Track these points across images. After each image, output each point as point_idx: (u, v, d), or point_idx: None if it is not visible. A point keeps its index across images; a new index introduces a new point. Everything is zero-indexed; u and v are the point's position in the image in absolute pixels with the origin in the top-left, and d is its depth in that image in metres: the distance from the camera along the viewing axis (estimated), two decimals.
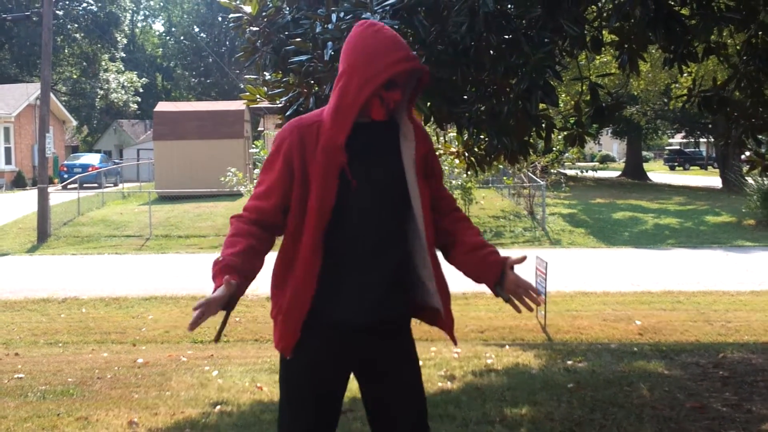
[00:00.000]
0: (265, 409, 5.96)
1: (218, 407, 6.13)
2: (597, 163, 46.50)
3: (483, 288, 10.60)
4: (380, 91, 2.76)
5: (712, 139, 48.07)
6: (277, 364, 7.93)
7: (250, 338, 10.86)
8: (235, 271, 2.73)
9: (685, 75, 7.99)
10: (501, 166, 15.90)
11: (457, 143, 6.99)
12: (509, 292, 2.90)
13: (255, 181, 23.55)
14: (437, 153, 7.46)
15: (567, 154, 26.95)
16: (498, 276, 2.92)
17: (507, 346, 9.16)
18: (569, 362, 7.63)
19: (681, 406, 5.67)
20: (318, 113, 2.89)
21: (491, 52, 5.15)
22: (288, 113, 5.63)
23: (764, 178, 23.34)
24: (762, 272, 16.24)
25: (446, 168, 22.57)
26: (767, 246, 21.07)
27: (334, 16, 5.03)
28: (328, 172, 2.75)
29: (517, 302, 2.91)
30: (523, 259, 2.94)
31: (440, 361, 7.79)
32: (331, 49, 5.04)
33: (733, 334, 10.41)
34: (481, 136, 6.41)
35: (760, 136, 7.85)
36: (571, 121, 6.10)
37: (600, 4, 5.82)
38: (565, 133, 6.21)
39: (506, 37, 5.07)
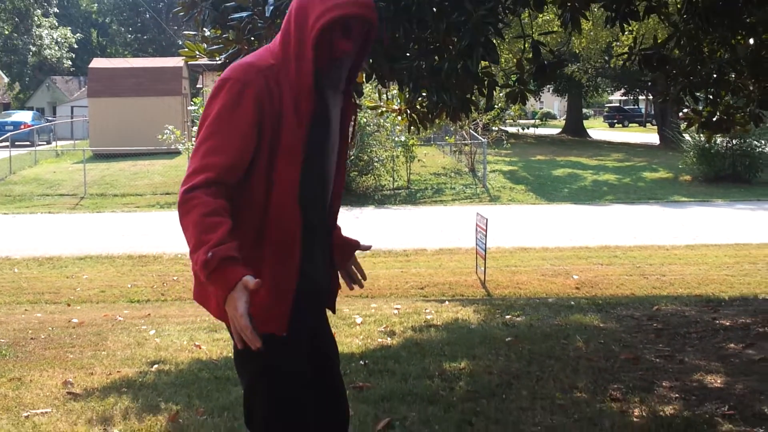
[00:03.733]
0: (204, 367, 5.93)
1: (155, 366, 6.08)
2: (537, 121, 46.84)
3: (424, 245, 10.68)
4: (333, 33, 2.46)
5: (651, 97, 48.72)
6: (215, 323, 7.94)
7: (187, 297, 10.76)
8: (239, 263, 2.27)
9: (626, 33, 8.04)
10: (443, 124, 15.95)
11: (399, 101, 6.96)
12: (347, 270, 2.93)
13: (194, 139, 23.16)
14: (381, 111, 7.44)
15: (508, 112, 27.10)
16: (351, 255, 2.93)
17: (447, 302, 9.24)
18: (507, 317, 7.73)
19: (616, 358, 5.79)
20: (264, 56, 2.51)
21: (433, 9, 5.12)
22: None
23: (701, 135, 23.79)
24: (696, 227, 16.63)
25: (388, 125, 22.54)
26: (702, 201, 21.57)
27: None
28: (301, 122, 2.46)
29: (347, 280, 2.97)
30: (368, 247, 2.95)
31: (380, 318, 7.83)
32: (272, 4, 4.96)
33: (667, 287, 10.66)
34: (423, 94, 6.39)
35: (697, 94, 7.97)
36: (513, 79, 6.12)
37: None
38: (506, 90, 6.23)
39: None
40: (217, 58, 5.68)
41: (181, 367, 6.05)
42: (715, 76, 7.82)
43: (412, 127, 6.96)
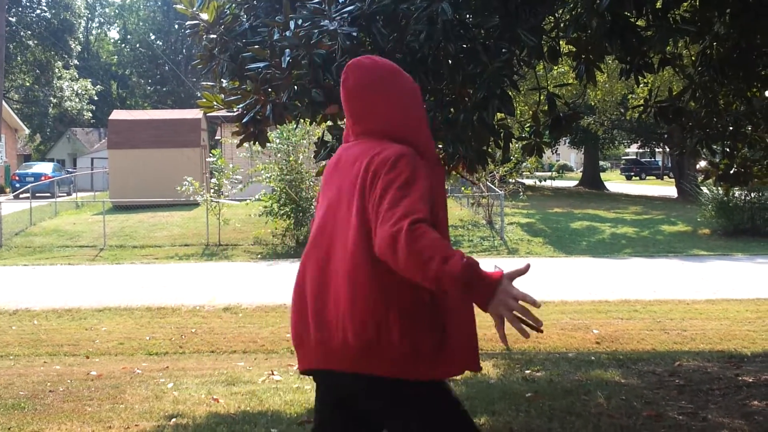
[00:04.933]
0: (221, 422, 5.86)
1: (173, 420, 6.02)
2: (554, 173, 46.87)
3: None
4: None
5: (668, 149, 48.71)
6: (234, 376, 7.88)
7: (206, 350, 10.72)
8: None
9: (641, 86, 8.09)
10: (460, 176, 15.98)
11: None
12: None
13: (217, 189, 23.38)
14: None
15: (525, 164, 27.14)
16: None
17: None
18: (527, 371, 7.63)
19: (638, 415, 5.68)
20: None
21: (449, 61, 5.14)
22: (245, 120, 5.57)
23: (719, 188, 23.67)
24: (717, 281, 16.45)
25: None
26: (722, 255, 21.38)
27: (292, 23, 5.00)
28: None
29: None
30: None
31: None
32: (288, 56, 5.00)
33: (688, 343, 10.51)
34: (439, 145, 6.40)
35: (714, 146, 7.95)
36: (527, 130, 6.11)
37: (557, 15, 5.83)
38: (522, 142, 6.21)
39: (464, 46, 5.06)
40: (235, 109, 5.72)
41: (199, 421, 5.99)
42: (731, 128, 7.81)
43: None
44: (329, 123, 5.90)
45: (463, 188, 27.54)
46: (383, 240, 2.43)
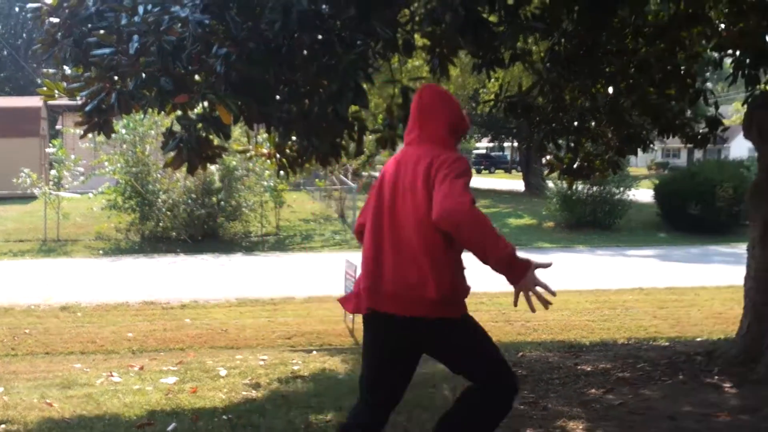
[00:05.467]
0: (54, 427, 5.55)
1: (2, 426, 5.65)
2: None
3: (292, 293, 10.44)
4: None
5: (516, 144, 50.25)
6: (69, 378, 7.50)
7: (40, 351, 10.14)
8: None
9: (492, 80, 8.25)
10: (313, 169, 15.88)
11: (268, 144, 6.83)
12: None
13: (57, 181, 22.21)
14: (249, 155, 7.28)
15: (378, 157, 27.31)
16: None
17: (314, 352, 9.07)
18: None
19: None
20: None
21: (304, 51, 5.05)
22: (88, 109, 5.28)
23: (563, 182, 24.67)
24: (559, 273, 17.03)
25: (257, 170, 22.30)
26: (564, 247, 22.23)
27: (141, 8, 4.79)
28: None
29: None
30: None
31: (245, 370, 7.59)
32: (137, 42, 4.78)
33: (531, 334, 10.83)
34: (293, 138, 6.29)
35: (559, 141, 8.20)
36: (381, 123, 6.11)
37: (412, 9, 5.84)
38: (376, 135, 6.20)
39: (319, 37, 4.98)
40: (78, 98, 5.42)
41: (30, 426, 5.65)
42: (576, 123, 8.08)
43: (281, 172, 6.83)
44: (179, 113, 5.68)
45: (316, 181, 27.45)
46: (454, 208, 3.24)
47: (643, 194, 29.01)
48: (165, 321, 11.89)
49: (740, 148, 52.19)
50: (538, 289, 3.41)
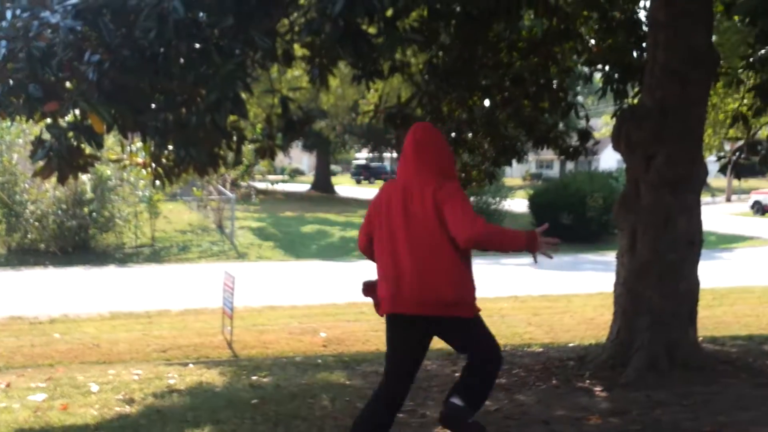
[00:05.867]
0: None
1: None
2: (287, 177, 47.28)
3: (168, 305, 10.14)
4: None
5: (396, 154, 50.63)
6: None
7: None
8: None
9: (371, 91, 8.33)
10: (190, 179, 15.61)
11: (143, 153, 6.66)
12: None
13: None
14: (123, 164, 7.08)
15: (257, 167, 27.07)
16: None
17: (191, 365, 8.88)
18: (254, 378, 7.54)
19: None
20: None
21: (181, 60, 4.95)
22: None
23: None
24: None
25: (132, 179, 21.75)
26: None
27: (9, 13, 4.60)
28: None
29: None
30: None
31: (119, 385, 7.36)
32: (4, 47, 4.59)
33: None
34: (169, 147, 6.16)
35: None
36: (260, 133, 6.05)
37: (291, 19, 5.81)
38: (255, 145, 6.13)
39: (197, 46, 4.89)
40: None
41: None
42: (453, 135, 8.22)
43: (157, 182, 6.68)
44: (48, 121, 5.47)
45: (194, 190, 26.94)
46: (474, 234, 4.05)
47: (518, 204, 29.81)
48: (33, 336, 11.42)
49: (610, 159, 54.28)
50: (548, 241, 4.21)
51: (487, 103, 8.06)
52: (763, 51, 7.90)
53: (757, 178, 50.96)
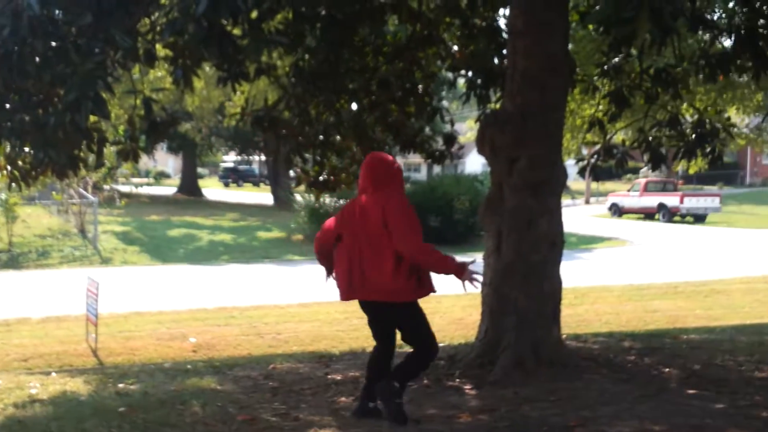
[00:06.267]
0: None
1: None
2: (152, 179, 46.16)
3: (28, 313, 9.80)
4: None
5: (264, 157, 50.32)
6: None
7: None
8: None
9: (238, 93, 8.25)
10: (49, 181, 15.05)
11: None
12: None
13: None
14: None
15: (121, 170, 26.32)
16: None
17: (54, 374, 8.58)
18: (121, 385, 7.35)
19: (233, 420, 5.72)
20: None
21: (36, 59, 4.78)
22: None
23: (310, 195, 25.00)
24: (309, 285, 17.28)
25: None
26: (313, 259, 22.30)
27: None
28: None
29: None
30: None
31: None
32: None
33: (282, 345, 10.88)
34: (26, 149, 5.94)
35: (306, 154, 8.33)
36: (123, 134, 5.91)
37: (153, 18, 5.70)
38: (118, 147, 5.99)
39: (53, 44, 4.73)
40: None
41: None
42: (321, 137, 8.25)
43: (13, 185, 6.42)
44: None
45: (54, 194, 25.95)
46: (414, 250, 5.18)
47: None
48: None
49: (475, 163, 55.55)
50: (475, 276, 5.32)
51: (354, 106, 8.13)
52: (616, 59, 8.29)
53: (613, 180, 53.33)
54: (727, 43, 8.10)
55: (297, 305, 14.43)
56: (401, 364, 5.50)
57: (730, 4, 8.42)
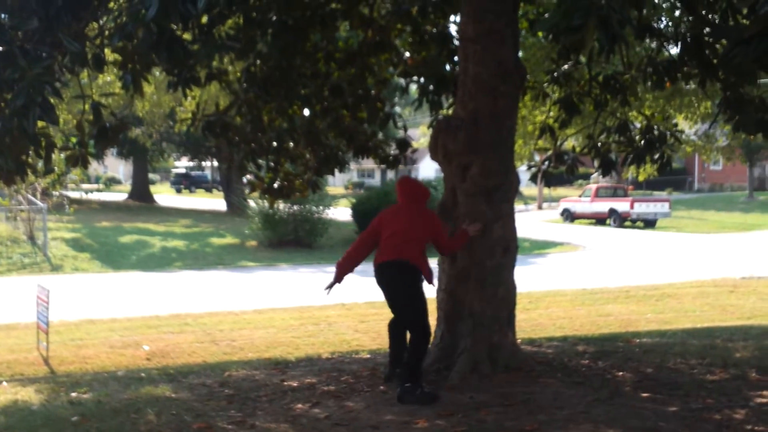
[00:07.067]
0: None
1: None
2: (102, 185, 45.60)
3: None
4: None
5: (217, 163, 49.97)
6: None
7: None
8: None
9: (189, 99, 8.20)
10: None
11: None
12: None
13: None
14: None
15: (70, 175, 25.93)
16: None
17: (4, 383, 8.44)
18: (73, 394, 7.26)
19: (188, 428, 5.68)
20: None
21: None
22: None
23: (264, 201, 24.89)
24: (263, 291, 17.21)
25: None
26: (268, 265, 22.45)
27: None
28: None
29: None
30: None
31: None
32: None
33: (238, 352, 10.80)
34: None
35: (259, 161, 8.29)
36: (72, 140, 5.84)
37: (101, 22, 5.64)
38: (67, 152, 5.91)
39: (0, 48, 4.66)
40: None
41: None
42: (275, 144, 8.22)
43: None
44: None
45: (0, 199, 25.48)
46: (456, 248, 6.86)
47: (341, 213, 30.10)
48: None
49: (429, 168, 55.85)
50: None
51: (306, 112, 8.12)
52: (566, 66, 8.39)
53: (565, 186, 53.95)
54: (674, 50, 8.26)
55: (252, 312, 14.35)
56: (407, 366, 6.32)
57: (676, 13, 8.58)
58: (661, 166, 8.62)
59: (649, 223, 36.62)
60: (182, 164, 73.47)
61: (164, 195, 57.24)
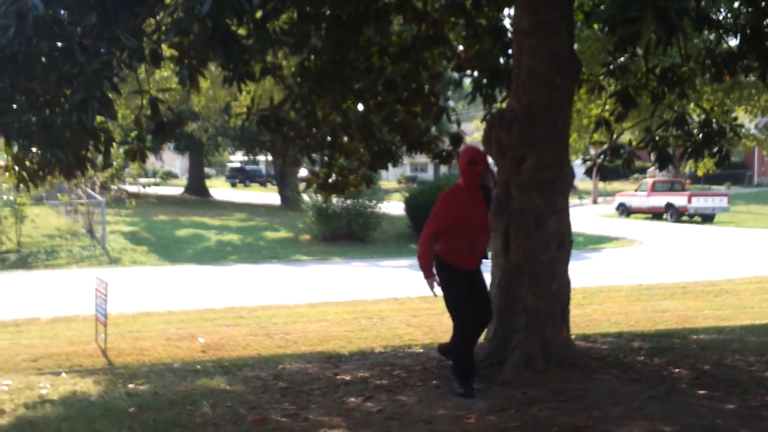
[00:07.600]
0: None
1: None
2: (159, 179, 46.24)
3: (37, 313, 9.84)
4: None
5: (271, 157, 50.30)
6: None
7: None
8: None
9: (244, 93, 8.26)
10: (57, 182, 15.12)
11: (6, 156, 6.42)
12: None
13: None
14: None
15: (128, 170, 26.36)
16: None
17: (64, 374, 8.61)
18: (131, 386, 7.37)
19: (242, 420, 5.73)
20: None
21: (42, 59, 4.79)
22: None
23: (318, 196, 25.03)
24: (317, 285, 17.29)
25: None
26: (321, 259, 22.55)
27: None
28: None
29: None
30: None
31: None
32: None
33: (291, 346, 10.88)
34: (33, 149, 5.95)
35: (313, 155, 8.31)
36: (130, 135, 5.92)
37: (158, 18, 5.71)
38: (125, 147, 6.00)
39: (59, 44, 4.74)
40: None
41: None
42: (329, 138, 8.23)
43: (21, 186, 6.44)
44: None
45: (59, 195, 26.02)
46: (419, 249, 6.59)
47: (394, 207, 30.10)
48: None
49: None
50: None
51: (360, 107, 8.12)
52: (622, 59, 8.26)
53: (621, 180, 53.24)
54: (733, 42, 8.08)
55: (305, 305, 14.43)
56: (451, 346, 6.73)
57: (735, 4, 8.39)
58: (720, 161, 8.44)
59: (707, 218, 35.97)
60: (237, 159, 74.12)
61: (219, 189, 57.85)
